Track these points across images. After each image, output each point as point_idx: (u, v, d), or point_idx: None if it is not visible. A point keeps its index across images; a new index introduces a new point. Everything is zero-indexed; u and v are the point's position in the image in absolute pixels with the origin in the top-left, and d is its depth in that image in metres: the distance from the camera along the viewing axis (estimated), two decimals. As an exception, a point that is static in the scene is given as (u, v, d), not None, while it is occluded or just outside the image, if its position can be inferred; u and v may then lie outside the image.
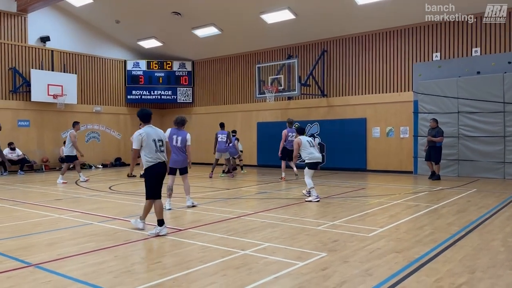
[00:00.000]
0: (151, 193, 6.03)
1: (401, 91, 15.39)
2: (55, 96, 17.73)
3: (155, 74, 20.97)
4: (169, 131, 8.00)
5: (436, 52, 14.63)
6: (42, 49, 18.07)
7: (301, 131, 9.58)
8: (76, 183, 12.68)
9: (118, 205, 8.66)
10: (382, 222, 6.62)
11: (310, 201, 8.73)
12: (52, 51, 18.33)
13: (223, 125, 14.60)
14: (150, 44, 20.33)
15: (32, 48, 17.78)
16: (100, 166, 19.53)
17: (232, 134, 15.28)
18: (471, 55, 13.95)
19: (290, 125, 13.26)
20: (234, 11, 16.22)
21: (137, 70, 20.95)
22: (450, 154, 13.72)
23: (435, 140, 12.77)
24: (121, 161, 20.25)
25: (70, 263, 4.63)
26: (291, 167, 13.07)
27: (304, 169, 9.03)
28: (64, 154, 13.46)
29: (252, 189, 11.47)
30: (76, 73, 19.06)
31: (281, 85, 16.41)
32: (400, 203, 8.52)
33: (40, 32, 17.96)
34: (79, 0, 17.34)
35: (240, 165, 16.40)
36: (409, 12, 14.23)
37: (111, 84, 20.63)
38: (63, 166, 13.38)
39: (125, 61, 20.92)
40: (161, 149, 6.05)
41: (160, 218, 5.88)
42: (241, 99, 19.82)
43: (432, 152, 12.92)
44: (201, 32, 18.31)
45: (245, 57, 19.63)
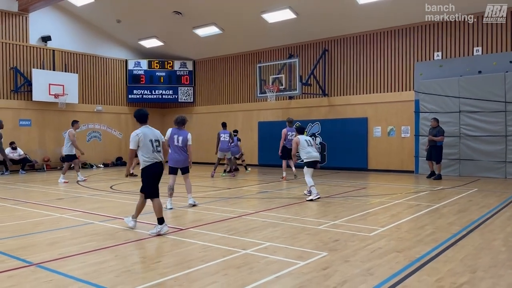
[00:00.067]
0: (149, 193, 6.12)
1: (402, 91, 15.37)
2: (57, 96, 17.75)
3: (156, 74, 20.98)
4: (170, 131, 8.02)
5: (438, 52, 14.61)
6: (44, 49, 18.09)
7: (301, 131, 9.64)
8: (78, 183, 12.70)
9: (119, 205, 8.67)
10: (383, 222, 6.62)
11: (311, 200, 8.76)
12: (54, 51, 18.35)
13: (225, 125, 14.60)
14: (151, 44, 20.34)
15: (34, 48, 17.79)
16: (101, 166, 19.54)
17: (234, 134, 15.28)
18: (473, 55, 13.93)
19: (290, 124, 13.25)
20: (235, 11, 16.22)
21: (138, 70, 20.96)
22: (451, 154, 13.71)
23: (436, 140, 12.76)
24: (122, 161, 20.25)
25: (71, 263, 4.64)
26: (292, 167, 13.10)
27: (303, 169, 9.15)
28: (64, 154, 13.47)
29: (253, 189, 11.48)
30: (78, 73, 19.07)
31: (282, 85, 16.41)
32: (401, 203, 8.52)
33: (42, 32, 17.97)
34: (80, 0, 17.35)
35: (244, 165, 16.38)
36: (410, 12, 14.22)
37: (112, 84, 20.64)
38: (64, 166, 13.39)
39: (126, 61, 20.95)
40: (158, 149, 6.15)
41: (160, 217, 5.92)
42: (242, 99, 19.83)
43: (433, 152, 12.93)
44: (202, 32, 18.31)
45: (246, 57, 19.63)
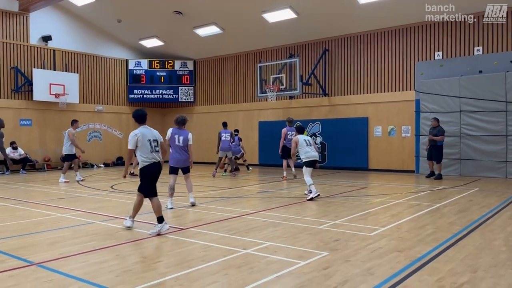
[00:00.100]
0: (147, 192, 6.15)
1: (403, 90, 15.36)
2: (57, 96, 17.75)
3: (157, 73, 20.98)
4: (171, 131, 8.03)
5: (438, 51, 14.60)
6: (44, 49, 18.09)
7: (301, 130, 9.71)
8: (78, 182, 12.71)
9: (120, 204, 8.67)
10: (384, 221, 6.62)
11: (311, 199, 8.77)
12: (54, 51, 18.35)
13: (226, 124, 14.61)
14: (152, 43, 20.34)
15: (34, 48, 17.80)
16: (102, 165, 19.55)
17: (235, 134, 15.29)
18: (473, 54, 13.91)
19: (290, 124, 13.26)
20: (236, 10, 16.22)
21: (139, 70, 20.96)
22: (452, 153, 13.70)
23: (436, 139, 12.76)
24: (123, 160, 20.24)
25: (72, 262, 4.64)
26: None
27: (303, 168, 9.21)
28: (64, 153, 13.47)
29: (254, 188, 11.48)
30: (78, 73, 19.08)
31: (283, 84, 16.41)
32: (402, 202, 8.52)
33: (42, 32, 17.98)
34: (81, 0, 17.36)
35: (245, 165, 16.38)
36: (410, 12, 14.21)
37: (113, 84, 20.65)
38: (64, 165, 13.40)
39: (127, 60, 20.95)
40: (156, 149, 6.18)
41: (159, 216, 5.93)
42: (243, 98, 19.82)
43: (434, 151, 12.92)
44: (203, 31, 18.31)
45: (247, 56, 19.63)
